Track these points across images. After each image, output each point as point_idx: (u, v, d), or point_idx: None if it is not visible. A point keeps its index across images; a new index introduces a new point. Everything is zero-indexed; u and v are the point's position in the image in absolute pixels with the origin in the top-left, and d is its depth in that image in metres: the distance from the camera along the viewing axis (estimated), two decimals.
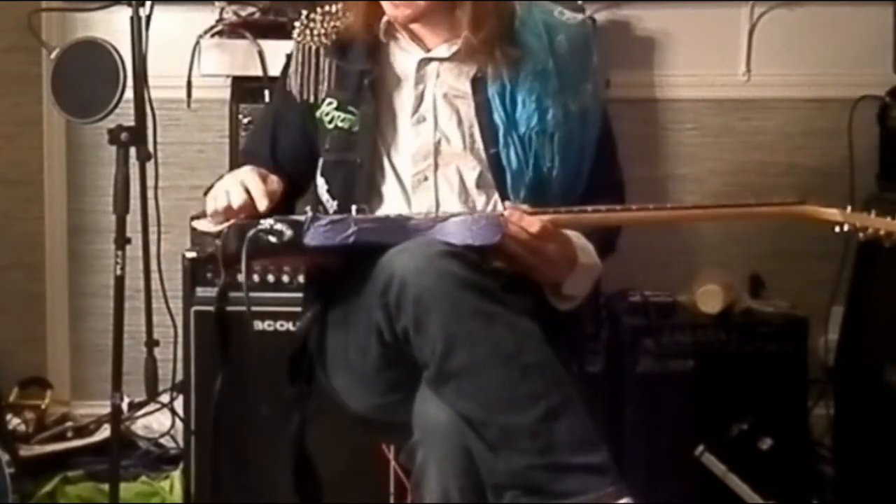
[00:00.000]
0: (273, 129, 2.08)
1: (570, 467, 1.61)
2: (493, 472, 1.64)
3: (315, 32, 2.00)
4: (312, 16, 2.02)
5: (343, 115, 1.97)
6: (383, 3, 1.92)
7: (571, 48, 1.96)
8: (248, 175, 1.91)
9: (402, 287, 1.65)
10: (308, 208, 1.85)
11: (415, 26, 1.96)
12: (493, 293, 1.68)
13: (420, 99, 1.97)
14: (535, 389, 1.61)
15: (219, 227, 1.87)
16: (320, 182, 2.01)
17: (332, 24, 2.00)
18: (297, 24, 2.04)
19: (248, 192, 1.87)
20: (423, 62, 1.97)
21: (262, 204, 1.86)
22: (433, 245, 1.69)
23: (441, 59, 1.97)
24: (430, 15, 1.93)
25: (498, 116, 1.92)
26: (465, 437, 1.67)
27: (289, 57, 2.05)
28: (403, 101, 1.98)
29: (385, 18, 1.97)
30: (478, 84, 1.94)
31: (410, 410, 1.76)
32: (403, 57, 1.99)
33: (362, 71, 1.97)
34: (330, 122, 1.98)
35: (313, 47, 2.00)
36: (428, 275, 1.64)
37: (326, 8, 2.03)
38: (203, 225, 1.93)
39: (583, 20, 2.02)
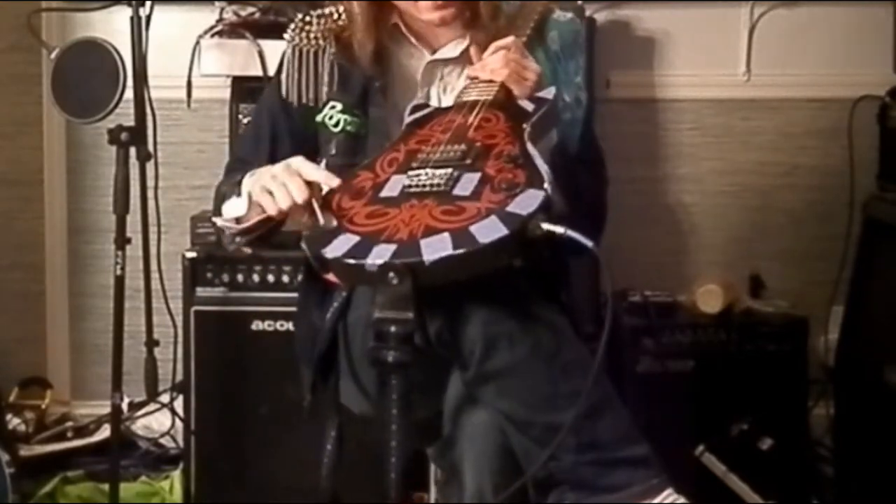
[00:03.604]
0: (271, 140, 1.99)
1: (616, 461, 1.62)
2: (539, 469, 1.63)
3: (311, 35, 1.97)
4: (307, 18, 2.00)
5: (350, 119, 1.93)
6: (418, 4, 1.86)
7: (563, 43, 1.96)
8: (303, 162, 1.74)
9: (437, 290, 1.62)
10: None
11: (424, 27, 1.93)
12: (528, 292, 1.67)
13: (426, 100, 1.94)
14: (576, 386, 1.60)
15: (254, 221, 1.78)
16: (325, 187, 1.98)
17: (327, 26, 1.98)
18: (290, 26, 2.00)
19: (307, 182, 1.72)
20: (432, 64, 1.95)
21: (334, 182, 1.72)
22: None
23: (448, 60, 1.95)
24: None
25: None
26: (505, 435, 1.68)
27: (281, 61, 2.00)
28: (409, 102, 1.94)
29: (392, 22, 1.94)
30: None
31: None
32: (408, 59, 1.97)
33: (368, 74, 1.93)
34: (335, 125, 1.93)
35: (311, 50, 1.96)
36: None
37: (320, 11, 2.00)
38: (227, 222, 1.83)
39: (572, 17, 2.01)
